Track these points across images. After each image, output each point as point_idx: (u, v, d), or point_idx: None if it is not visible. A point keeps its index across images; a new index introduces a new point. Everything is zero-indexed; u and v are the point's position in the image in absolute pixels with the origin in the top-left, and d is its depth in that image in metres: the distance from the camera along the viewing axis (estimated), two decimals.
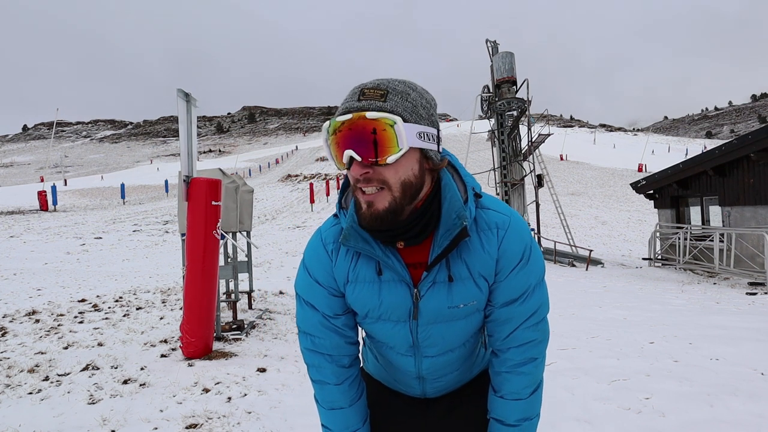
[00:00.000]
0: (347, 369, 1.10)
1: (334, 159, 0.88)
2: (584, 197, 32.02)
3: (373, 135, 0.82)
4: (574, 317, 5.66)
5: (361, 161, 0.84)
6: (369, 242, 0.94)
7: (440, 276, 0.96)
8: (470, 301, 0.98)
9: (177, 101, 3.89)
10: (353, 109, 0.84)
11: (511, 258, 0.96)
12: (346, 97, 0.88)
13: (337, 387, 1.09)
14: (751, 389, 3.02)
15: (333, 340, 1.07)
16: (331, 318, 1.05)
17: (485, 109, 16.07)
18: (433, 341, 1.04)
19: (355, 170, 0.85)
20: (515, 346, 1.03)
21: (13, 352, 4.11)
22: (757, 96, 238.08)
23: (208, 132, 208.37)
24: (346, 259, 1.00)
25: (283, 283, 8.40)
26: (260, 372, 3.71)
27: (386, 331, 1.04)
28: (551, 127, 67.14)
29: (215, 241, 4.04)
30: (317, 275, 1.03)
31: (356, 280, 1.00)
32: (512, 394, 1.04)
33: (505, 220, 0.97)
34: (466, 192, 0.97)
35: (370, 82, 0.88)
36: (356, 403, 1.12)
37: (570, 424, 2.68)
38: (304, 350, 1.11)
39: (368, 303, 1.00)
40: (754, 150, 10.41)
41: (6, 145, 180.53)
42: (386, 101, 0.84)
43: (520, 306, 1.00)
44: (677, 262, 12.06)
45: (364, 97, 0.85)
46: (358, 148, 0.83)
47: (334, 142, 0.86)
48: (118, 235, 17.23)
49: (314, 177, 42.01)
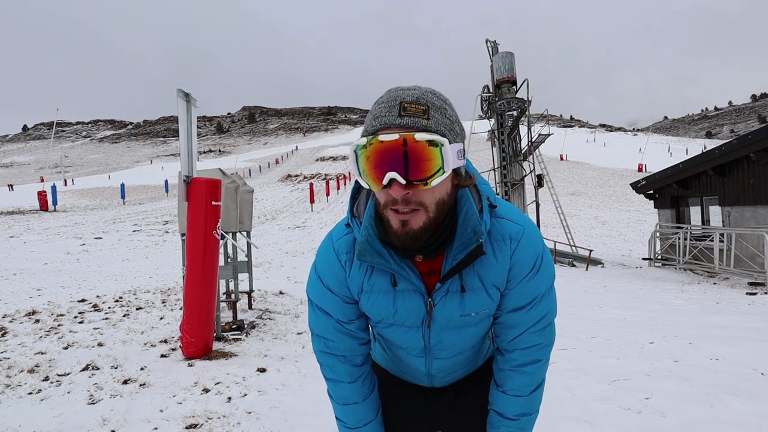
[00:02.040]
0: (360, 367, 1.12)
1: (367, 178, 0.82)
2: (584, 197, 32.02)
3: (419, 157, 0.78)
4: (574, 317, 5.66)
5: (404, 183, 0.79)
6: (384, 257, 0.93)
7: (453, 286, 0.96)
8: (482, 310, 0.99)
9: (177, 101, 3.89)
10: (395, 126, 0.79)
11: (523, 267, 0.96)
12: (380, 110, 0.82)
13: (350, 385, 1.11)
14: (751, 389, 3.02)
15: (346, 342, 1.08)
16: (345, 323, 1.06)
17: (485, 109, 16.06)
18: (444, 345, 1.06)
19: (395, 191, 0.80)
20: (521, 348, 1.05)
21: (13, 352, 4.11)
22: (757, 96, 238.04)
23: (208, 132, 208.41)
24: (360, 270, 0.99)
25: (283, 283, 8.40)
26: (260, 372, 3.71)
27: (399, 335, 1.06)
28: (551, 127, 67.14)
29: (215, 241, 4.04)
30: (330, 284, 1.03)
31: (371, 290, 1.00)
32: (514, 390, 1.08)
33: (519, 230, 0.96)
34: (481, 201, 0.96)
35: (406, 94, 0.82)
36: (369, 398, 1.15)
37: (570, 424, 2.68)
38: (317, 352, 1.13)
39: (383, 312, 1.01)
40: (754, 150, 10.40)
41: (6, 145, 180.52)
42: (429, 119, 0.80)
43: (528, 312, 1.01)
44: (677, 262, 12.06)
45: (406, 112, 0.79)
46: (402, 170, 0.78)
47: (371, 160, 0.80)
48: (118, 235, 17.23)
49: (314, 177, 42.03)
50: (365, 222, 0.93)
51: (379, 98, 0.85)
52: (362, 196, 0.99)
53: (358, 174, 0.83)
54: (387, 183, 0.80)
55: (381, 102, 0.83)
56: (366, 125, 0.84)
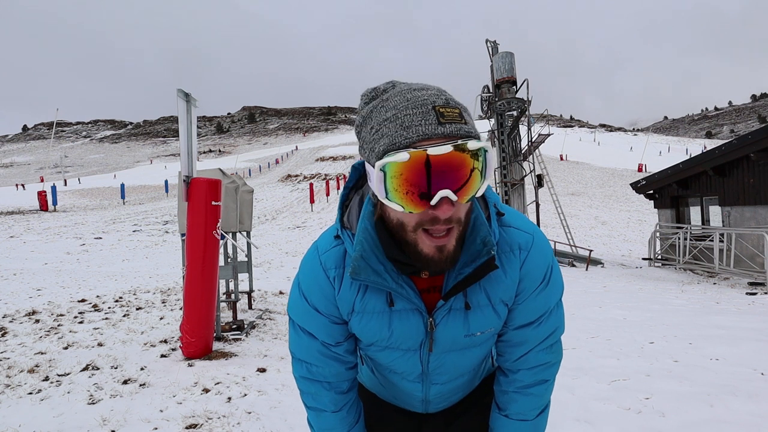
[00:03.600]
0: (346, 394, 1.01)
1: (403, 199, 0.68)
2: (584, 197, 32.01)
3: (468, 168, 0.68)
4: (574, 317, 5.66)
5: (455, 201, 0.69)
6: (381, 274, 0.81)
7: (457, 303, 0.86)
8: (488, 329, 0.89)
9: (177, 101, 3.89)
10: (438, 136, 0.67)
11: (533, 280, 0.88)
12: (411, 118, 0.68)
13: (334, 414, 1.00)
14: (751, 389, 3.02)
15: (332, 368, 0.96)
16: (332, 346, 0.95)
17: (485, 109, 16.07)
18: (444, 369, 0.96)
19: (444, 211, 0.68)
20: (526, 368, 0.96)
21: (13, 352, 4.11)
22: (757, 96, 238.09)
23: (208, 132, 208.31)
24: (351, 288, 0.87)
25: (283, 283, 8.40)
26: (260, 372, 3.71)
27: (393, 359, 0.95)
28: (551, 127, 67.16)
29: (215, 241, 4.04)
30: (317, 303, 0.91)
31: (364, 311, 0.88)
32: (518, 414, 0.98)
33: (528, 239, 0.87)
34: (488, 208, 0.86)
35: (432, 96, 0.70)
36: (354, 428, 1.04)
37: (570, 424, 2.68)
38: (298, 378, 1.01)
39: (377, 334, 0.89)
40: (754, 150, 10.40)
41: (6, 145, 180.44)
42: (467, 123, 0.70)
43: (536, 329, 0.92)
44: (677, 262, 12.06)
45: (445, 119, 0.68)
46: (455, 186, 0.68)
47: (409, 178, 0.67)
48: (118, 236, 17.23)
49: (314, 177, 42.04)
50: (359, 235, 0.80)
51: (391, 102, 0.72)
52: (353, 204, 0.88)
53: (384, 195, 0.69)
54: (436, 203, 0.68)
55: (404, 106, 0.70)
56: (390, 136, 0.69)
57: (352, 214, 0.87)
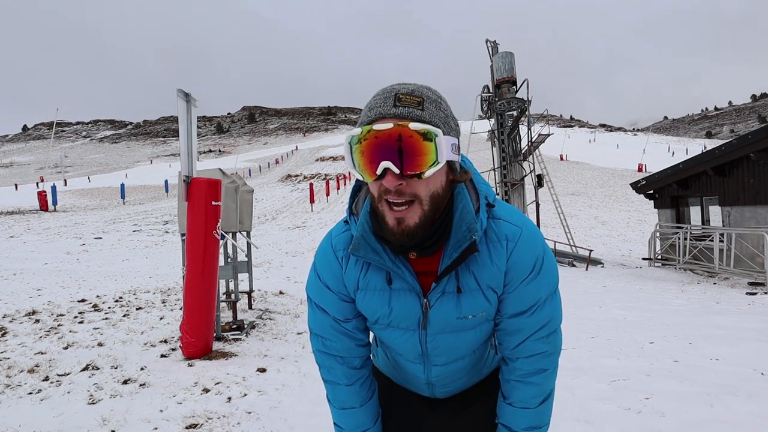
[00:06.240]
0: (358, 370, 1.10)
1: (360, 169, 0.82)
2: (584, 197, 32.01)
3: (414, 147, 0.78)
4: (574, 317, 5.66)
5: (398, 173, 0.79)
6: (379, 252, 0.92)
7: (449, 286, 0.94)
8: (479, 312, 0.97)
9: (177, 101, 3.89)
10: (390, 116, 0.79)
11: (521, 270, 0.94)
12: (376, 101, 0.82)
13: (348, 388, 1.10)
14: (751, 389, 3.02)
15: (344, 342, 1.07)
16: (342, 322, 1.05)
17: (485, 109, 16.07)
18: (441, 350, 1.03)
19: (389, 182, 0.79)
20: (524, 357, 1.01)
21: (13, 352, 4.11)
22: (757, 96, 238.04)
23: (208, 132, 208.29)
24: (356, 267, 0.99)
25: (283, 283, 8.40)
26: (260, 372, 3.71)
27: (396, 338, 1.04)
28: (551, 127, 67.15)
29: (215, 241, 4.04)
30: (327, 281, 1.03)
31: (366, 288, 0.99)
32: (521, 402, 1.04)
33: (516, 231, 0.94)
34: (479, 200, 0.94)
35: (400, 87, 0.83)
36: (367, 403, 1.13)
37: (570, 424, 2.68)
38: (315, 351, 1.12)
39: (378, 310, 0.99)
40: (754, 150, 10.40)
41: (6, 145, 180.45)
42: (424, 110, 0.80)
43: (529, 318, 0.98)
44: (677, 262, 12.06)
45: (401, 103, 0.80)
46: (396, 159, 0.78)
47: (364, 151, 0.80)
48: (118, 236, 17.23)
49: (314, 177, 42.04)
50: (362, 218, 0.93)
51: (375, 93, 0.85)
52: (362, 193, 0.99)
53: (352, 166, 0.83)
54: (381, 173, 0.79)
55: (377, 95, 0.83)
56: (361, 117, 0.84)
57: (360, 202, 0.98)
